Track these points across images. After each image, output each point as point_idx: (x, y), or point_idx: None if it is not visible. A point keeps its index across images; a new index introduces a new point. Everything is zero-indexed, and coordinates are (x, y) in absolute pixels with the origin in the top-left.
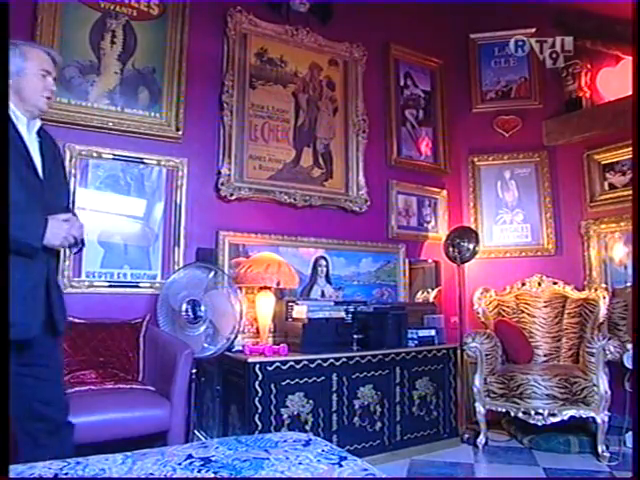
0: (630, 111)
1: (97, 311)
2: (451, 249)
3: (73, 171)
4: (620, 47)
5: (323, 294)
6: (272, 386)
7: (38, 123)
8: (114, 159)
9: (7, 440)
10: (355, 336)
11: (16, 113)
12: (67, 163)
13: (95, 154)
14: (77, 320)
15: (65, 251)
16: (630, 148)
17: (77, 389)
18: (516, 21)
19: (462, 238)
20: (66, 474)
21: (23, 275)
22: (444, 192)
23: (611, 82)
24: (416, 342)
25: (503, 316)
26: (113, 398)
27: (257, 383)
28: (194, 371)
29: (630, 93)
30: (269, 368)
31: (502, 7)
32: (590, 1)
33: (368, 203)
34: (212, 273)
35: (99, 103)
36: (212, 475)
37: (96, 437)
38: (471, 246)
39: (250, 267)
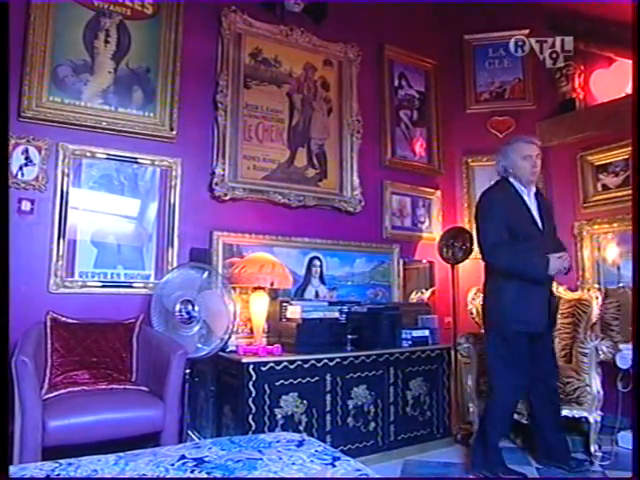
0: (623, 112)
1: (90, 311)
2: (445, 249)
3: (66, 171)
4: (613, 49)
5: (317, 294)
6: (266, 386)
7: (533, 189)
8: (108, 159)
9: (7, 440)
10: (349, 336)
11: (518, 186)
12: (60, 162)
13: (89, 154)
14: (70, 320)
15: (58, 251)
16: (623, 149)
17: (70, 389)
18: (510, 22)
19: (456, 238)
20: (58, 475)
21: (538, 293)
22: (438, 193)
23: (604, 83)
24: (410, 342)
25: None
26: (106, 398)
27: (251, 383)
28: (188, 371)
29: (623, 95)
30: (263, 368)
31: (496, 8)
32: (583, 2)
33: (362, 203)
34: (206, 273)
35: (93, 102)
36: (205, 475)
37: (89, 438)
38: (465, 246)
39: (244, 267)
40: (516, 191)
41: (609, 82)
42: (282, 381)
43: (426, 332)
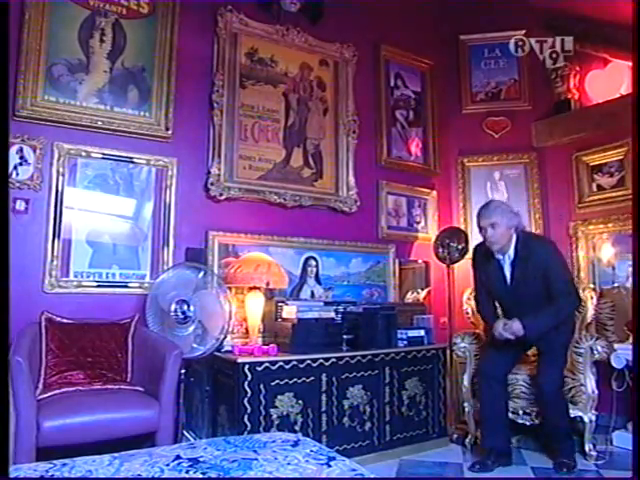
0: (618, 113)
1: (85, 311)
2: (441, 249)
3: (61, 170)
4: (608, 50)
5: (313, 294)
6: (261, 386)
7: (507, 253)
8: (103, 158)
9: (7, 440)
10: (345, 336)
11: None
12: (55, 162)
13: (84, 153)
14: (65, 320)
15: (53, 251)
16: (618, 150)
17: (65, 390)
18: (506, 23)
19: (452, 238)
20: (52, 476)
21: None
22: (434, 193)
23: (599, 84)
24: (405, 342)
25: None
26: (101, 399)
27: (246, 383)
28: (183, 371)
29: (618, 95)
30: (258, 368)
31: (492, 9)
32: (579, 3)
33: (358, 203)
34: (201, 273)
35: (88, 102)
36: (200, 476)
37: (84, 438)
38: (460, 246)
39: (240, 267)
40: (493, 254)
41: (604, 83)
42: (278, 381)
43: (422, 332)
